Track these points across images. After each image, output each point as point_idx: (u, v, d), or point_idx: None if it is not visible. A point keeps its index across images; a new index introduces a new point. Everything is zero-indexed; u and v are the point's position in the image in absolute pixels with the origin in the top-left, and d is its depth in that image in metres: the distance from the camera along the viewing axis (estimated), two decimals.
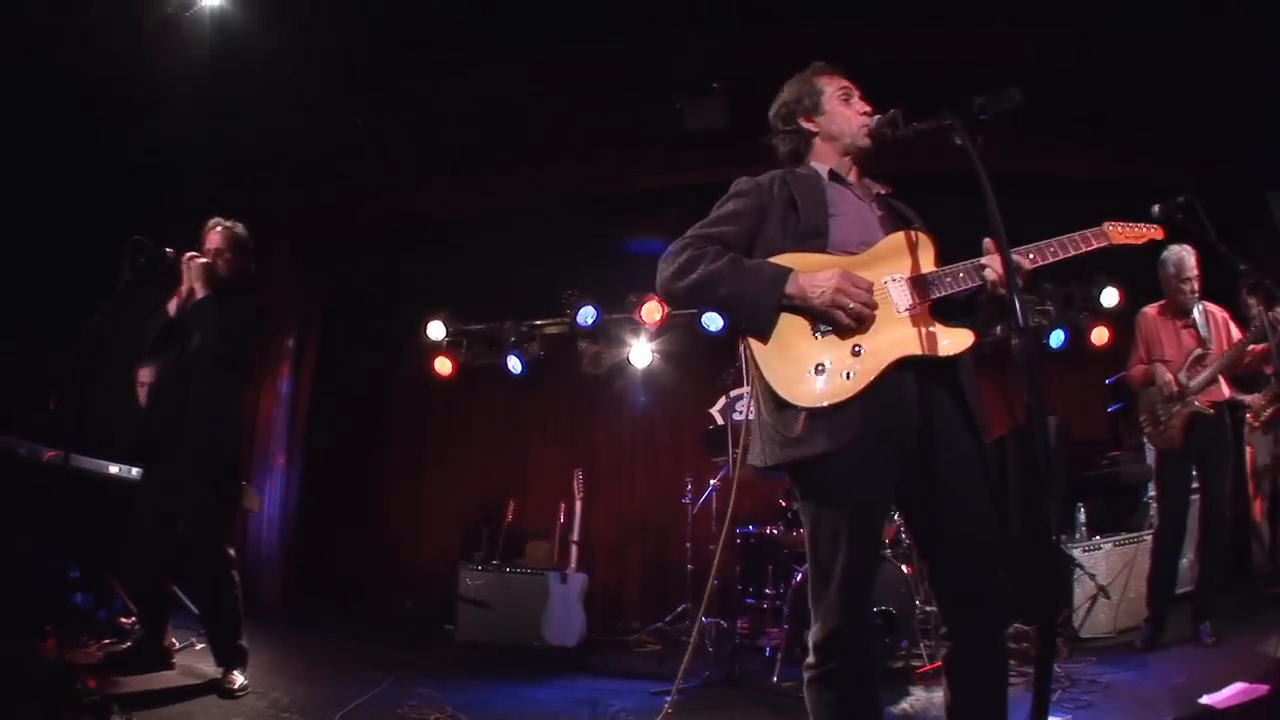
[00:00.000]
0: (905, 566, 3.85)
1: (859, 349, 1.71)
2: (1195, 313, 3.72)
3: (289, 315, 6.08)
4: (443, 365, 6.24)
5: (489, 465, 6.66)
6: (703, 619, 4.48)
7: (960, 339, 1.75)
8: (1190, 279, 3.68)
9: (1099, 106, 4.85)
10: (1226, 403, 3.68)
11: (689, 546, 5.09)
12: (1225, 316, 3.76)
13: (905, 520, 1.94)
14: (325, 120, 5.11)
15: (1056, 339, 5.68)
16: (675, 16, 4.61)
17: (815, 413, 1.69)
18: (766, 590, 4.46)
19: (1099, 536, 4.37)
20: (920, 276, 1.79)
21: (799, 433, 1.69)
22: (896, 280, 1.79)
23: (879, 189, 2.02)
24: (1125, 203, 2.05)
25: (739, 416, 4.43)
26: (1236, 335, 3.69)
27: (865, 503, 1.70)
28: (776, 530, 4.46)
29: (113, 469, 3.82)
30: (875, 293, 1.75)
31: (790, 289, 1.73)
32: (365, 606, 5.90)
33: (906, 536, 3.99)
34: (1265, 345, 3.51)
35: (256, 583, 5.37)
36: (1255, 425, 4.41)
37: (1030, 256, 1.78)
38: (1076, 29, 4.48)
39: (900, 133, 1.86)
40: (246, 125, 4.80)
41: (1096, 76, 4.76)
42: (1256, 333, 3.50)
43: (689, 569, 5.07)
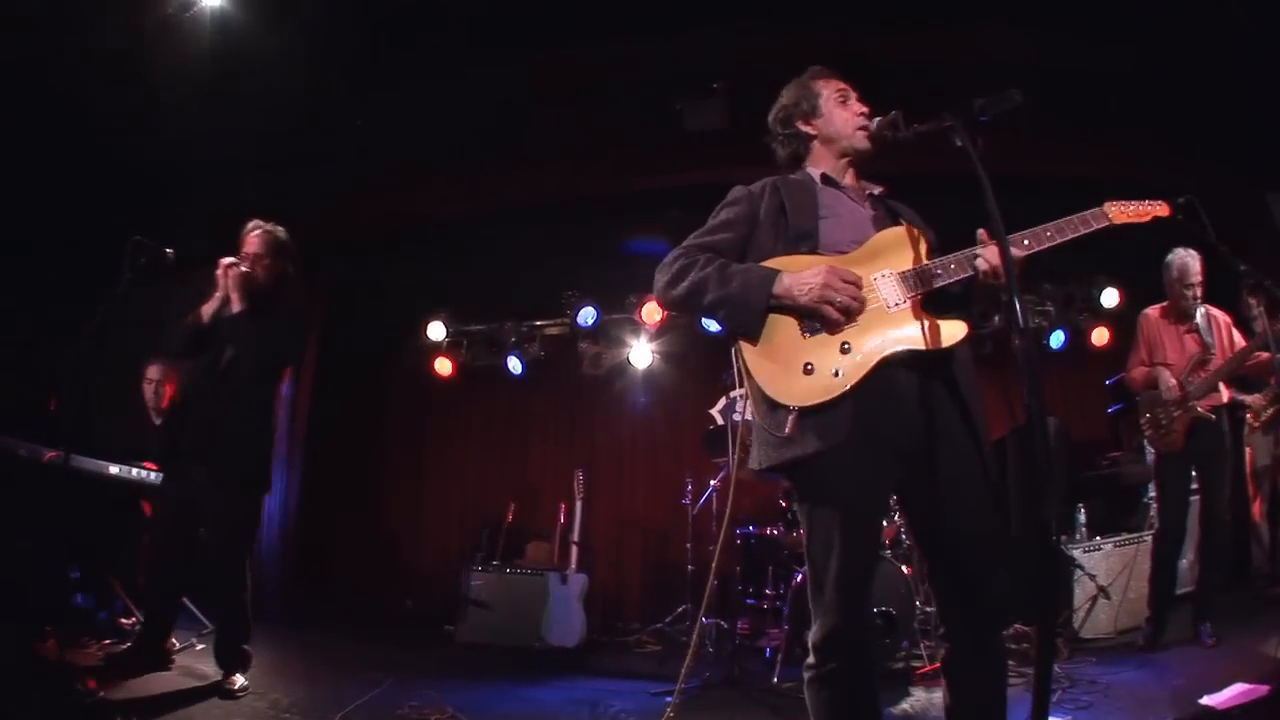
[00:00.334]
0: (905, 567, 3.85)
1: (848, 346, 1.71)
2: (1198, 317, 3.72)
3: None
4: (443, 366, 6.25)
5: (489, 466, 6.66)
6: (703, 620, 4.50)
7: (953, 331, 1.74)
8: (1193, 284, 3.67)
9: (1099, 107, 4.84)
10: (1226, 406, 3.67)
11: (689, 547, 5.09)
12: (1228, 321, 3.75)
13: (906, 518, 1.94)
14: (325, 120, 5.11)
15: (1057, 340, 5.67)
16: (675, 16, 4.60)
17: (805, 412, 1.69)
18: (767, 591, 4.47)
19: (1099, 537, 4.37)
20: (910, 271, 1.79)
21: (788, 432, 1.69)
22: (886, 276, 1.78)
23: (874, 190, 2.02)
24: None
25: (739, 417, 4.43)
26: (1239, 341, 3.68)
27: (860, 502, 1.70)
28: (777, 531, 4.46)
29: (113, 469, 3.82)
30: (865, 289, 1.75)
31: (777, 289, 1.74)
32: (365, 607, 5.90)
33: (907, 536, 4.00)
34: (1269, 355, 3.50)
35: (257, 583, 5.33)
36: (1255, 426, 4.40)
37: (1025, 242, 1.77)
38: (1076, 29, 4.48)
39: (901, 134, 1.86)
40: (246, 125, 4.80)
41: (1096, 77, 4.77)
42: (1260, 341, 3.48)
43: (689, 570, 5.07)
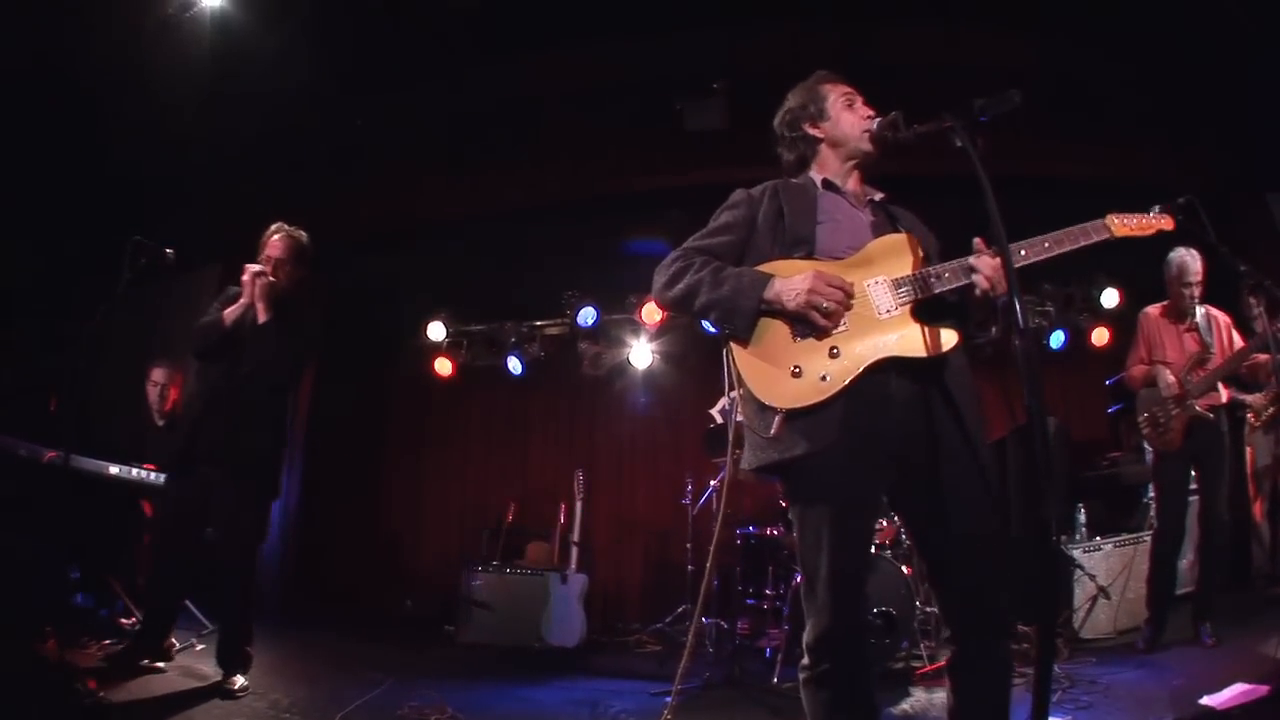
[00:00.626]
0: (905, 567, 3.85)
1: (836, 351, 1.72)
2: (1198, 316, 3.72)
3: None
4: (443, 366, 6.25)
5: (489, 466, 6.66)
6: (702, 620, 4.50)
7: (944, 340, 1.74)
8: (1192, 283, 3.67)
9: (1099, 107, 4.85)
10: (1225, 406, 3.67)
11: (689, 547, 5.09)
12: (1228, 321, 3.75)
13: (903, 522, 1.94)
14: (325, 120, 5.11)
15: (1057, 340, 5.69)
16: (675, 16, 4.60)
17: (791, 414, 1.70)
18: (766, 591, 4.47)
19: (1099, 537, 4.37)
20: (903, 278, 1.78)
21: (774, 434, 1.71)
22: (879, 283, 1.79)
23: (875, 195, 2.02)
24: (1125, 204, 2.05)
25: (738, 418, 4.43)
26: (1238, 341, 3.68)
27: (848, 503, 1.71)
28: (777, 531, 4.46)
29: (113, 469, 3.82)
30: (857, 296, 1.76)
31: (768, 294, 1.75)
32: (365, 607, 5.90)
33: (906, 537, 4.00)
34: (1268, 356, 3.50)
35: (257, 583, 5.36)
36: (1256, 425, 4.40)
37: (1023, 253, 1.75)
38: (1076, 30, 4.48)
39: (901, 135, 1.86)
40: (246, 126, 4.80)
41: (1096, 77, 4.77)
42: (1259, 342, 3.48)
43: (689, 569, 5.07)
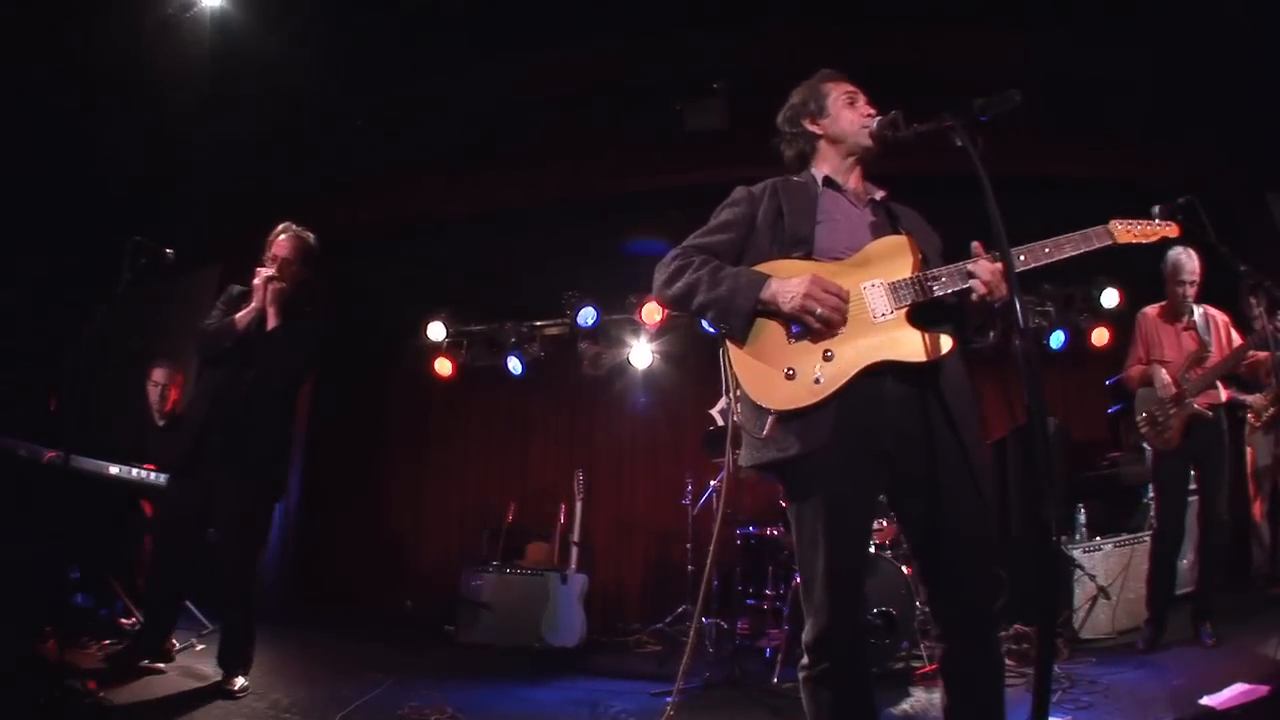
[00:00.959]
0: (905, 567, 3.85)
1: (830, 354, 1.73)
2: (1196, 315, 3.71)
3: None
4: (443, 366, 6.25)
5: (489, 466, 6.66)
6: (702, 620, 4.50)
7: (938, 345, 1.73)
8: (1186, 281, 3.67)
9: (1099, 107, 4.84)
10: (1224, 405, 3.67)
11: (689, 547, 5.09)
12: (1226, 320, 3.75)
13: (899, 523, 1.95)
14: (325, 120, 5.11)
15: (1057, 340, 5.68)
16: (675, 16, 4.60)
17: (784, 416, 1.71)
18: (767, 591, 4.47)
19: (1099, 537, 4.36)
20: (900, 281, 1.78)
21: (766, 435, 1.73)
22: (876, 286, 1.78)
23: (876, 194, 2.01)
24: (1125, 204, 2.05)
25: (735, 417, 4.43)
26: (1237, 340, 3.68)
27: (842, 503, 1.71)
28: (777, 531, 4.46)
29: (113, 469, 3.82)
30: (853, 299, 1.75)
31: (764, 295, 1.76)
32: (365, 607, 5.90)
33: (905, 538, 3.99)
34: (1266, 354, 3.50)
35: (259, 583, 5.36)
36: (1256, 425, 4.39)
37: (1022, 258, 1.74)
38: (1076, 30, 4.48)
39: (901, 134, 1.86)
40: (246, 126, 4.80)
41: (1096, 77, 4.76)
42: (1257, 340, 3.48)
43: (689, 570, 5.07)
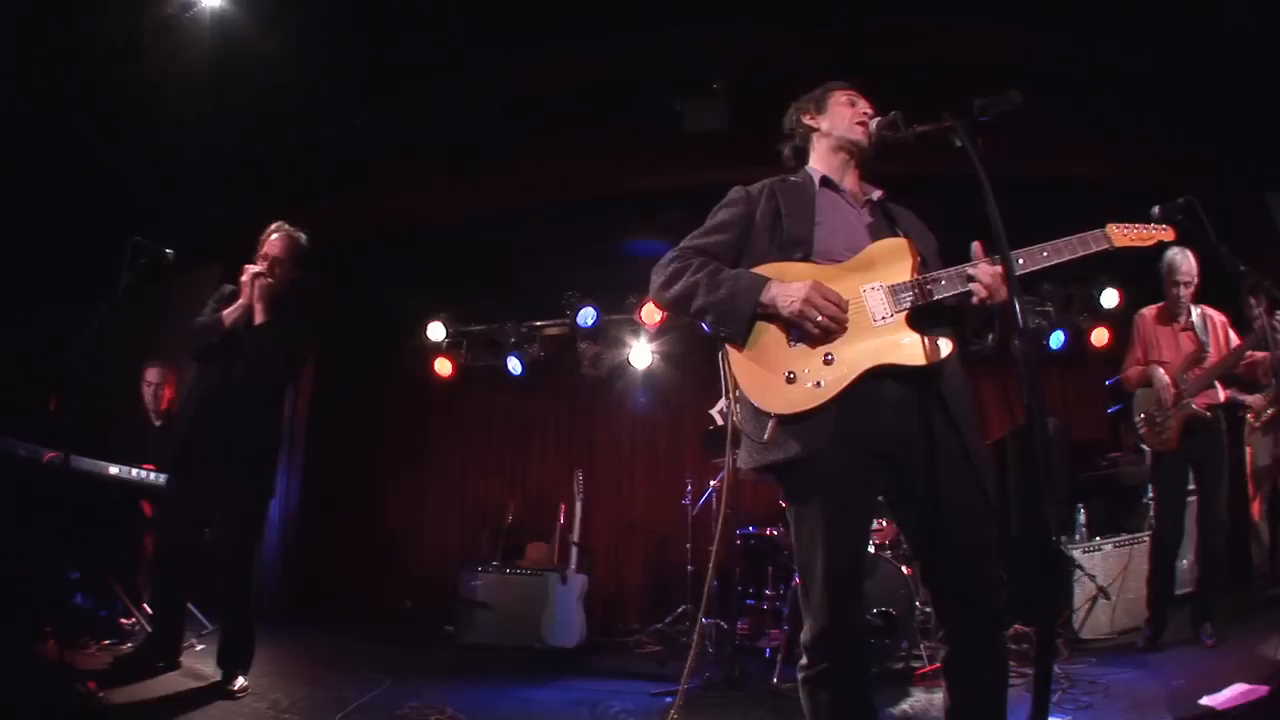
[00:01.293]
0: (905, 567, 3.85)
1: (831, 357, 1.73)
2: (1194, 316, 3.71)
3: None
4: (443, 366, 6.25)
5: (489, 466, 6.67)
6: (703, 620, 4.50)
7: (939, 348, 1.73)
8: (1181, 281, 3.66)
9: (1099, 108, 4.84)
10: (1223, 405, 3.67)
11: (689, 548, 5.09)
12: (1224, 321, 3.74)
13: (899, 525, 1.95)
14: (325, 120, 5.11)
15: (1056, 340, 5.68)
16: (675, 16, 4.60)
17: (785, 419, 1.71)
18: (767, 591, 4.47)
19: (1099, 538, 4.37)
20: (899, 284, 1.78)
21: (768, 438, 1.72)
22: (875, 289, 1.78)
23: (874, 194, 2.01)
24: (1125, 204, 2.05)
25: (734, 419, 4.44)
26: (1234, 341, 3.67)
27: (842, 506, 1.71)
28: (777, 531, 4.46)
29: (113, 469, 3.82)
30: (852, 302, 1.75)
31: (764, 298, 1.76)
32: (365, 607, 5.90)
33: (905, 540, 3.99)
34: (1264, 354, 3.49)
35: (257, 583, 5.35)
36: (1255, 426, 4.40)
37: (1020, 261, 1.72)
38: (1076, 30, 4.48)
39: (900, 135, 1.86)
40: (246, 126, 4.80)
41: (1096, 78, 4.76)
42: (1255, 339, 3.47)
43: (689, 570, 5.07)
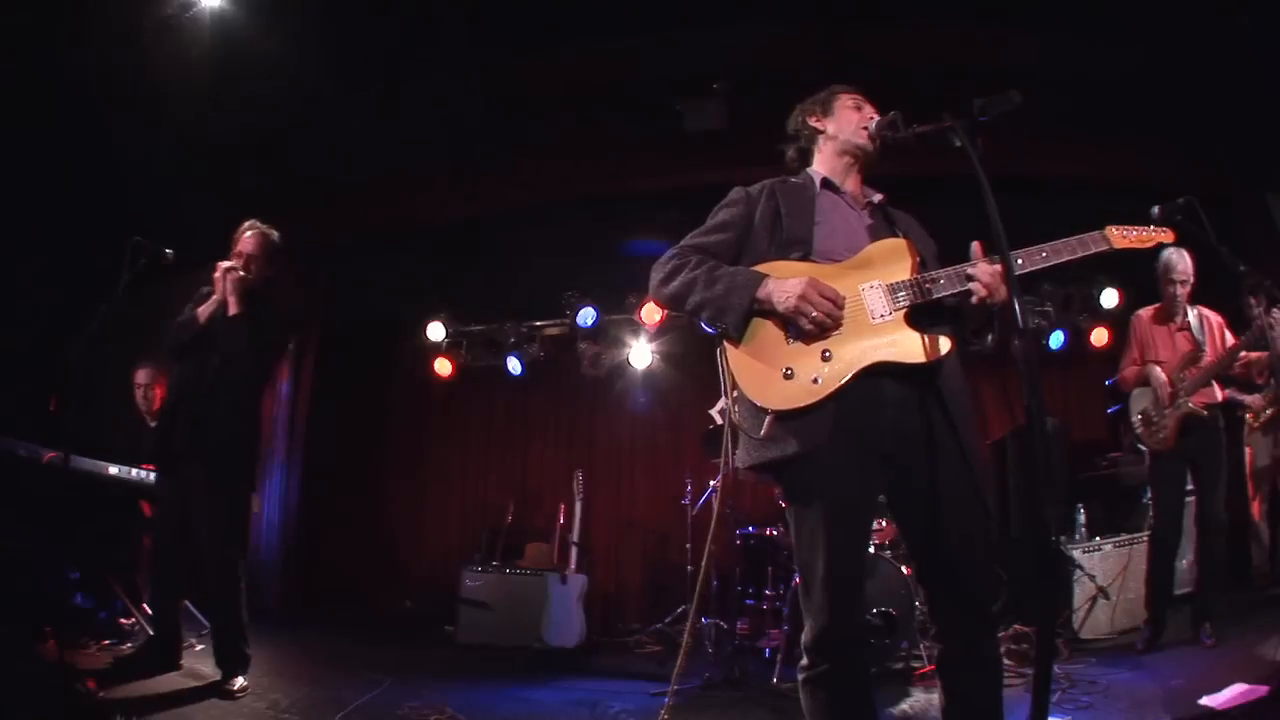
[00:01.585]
0: (905, 567, 3.85)
1: (829, 354, 1.73)
2: (1190, 316, 3.71)
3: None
4: (443, 366, 6.25)
5: (489, 466, 6.66)
6: (702, 620, 4.50)
7: (937, 347, 1.74)
8: (1176, 280, 3.65)
9: (1099, 108, 4.84)
10: (1220, 405, 3.67)
11: (689, 547, 5.09)
12: (1220, 321, 3.74)
13: (897, 524, 1.95)
14: (325, 120, 5.11)
15: (1056, 340, 5.68)
16: (675, 16, 4.60)
17: (782, 416, 1.71)
18: (766, 591, 4.48)
19: (1099, 537, 4.37)
20: (898, 283, 1.79)
21: (764, 434, 1.73)
22: (874, 287, 1.79)
23: (874, 198, 2.02)
24: (1125, 204, 2.05)
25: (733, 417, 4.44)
26: (1231, 341, 3.67)
27: (842, 504, 1.71)
28: (777, 531, 4.46)
29: (113, 469, 3.82)
30: (850, 300, 1.76)
31: (760, 294, 1.76)
32: (365, 607, 5.90)
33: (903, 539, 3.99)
34: (1259, 354, 3.49)
35: (256, 583, 5.34)
36: (1255, 426, 4.40)
37: (1019, 262, 1.73)
38: (1076, 30, 4.48)
39: (900, 135, 1.86)
40: (246, 126, 4.80)
41: (1097, 77, 4.76)
42: (1251, 339, 3.47)
43: (689, 570, 5.07)
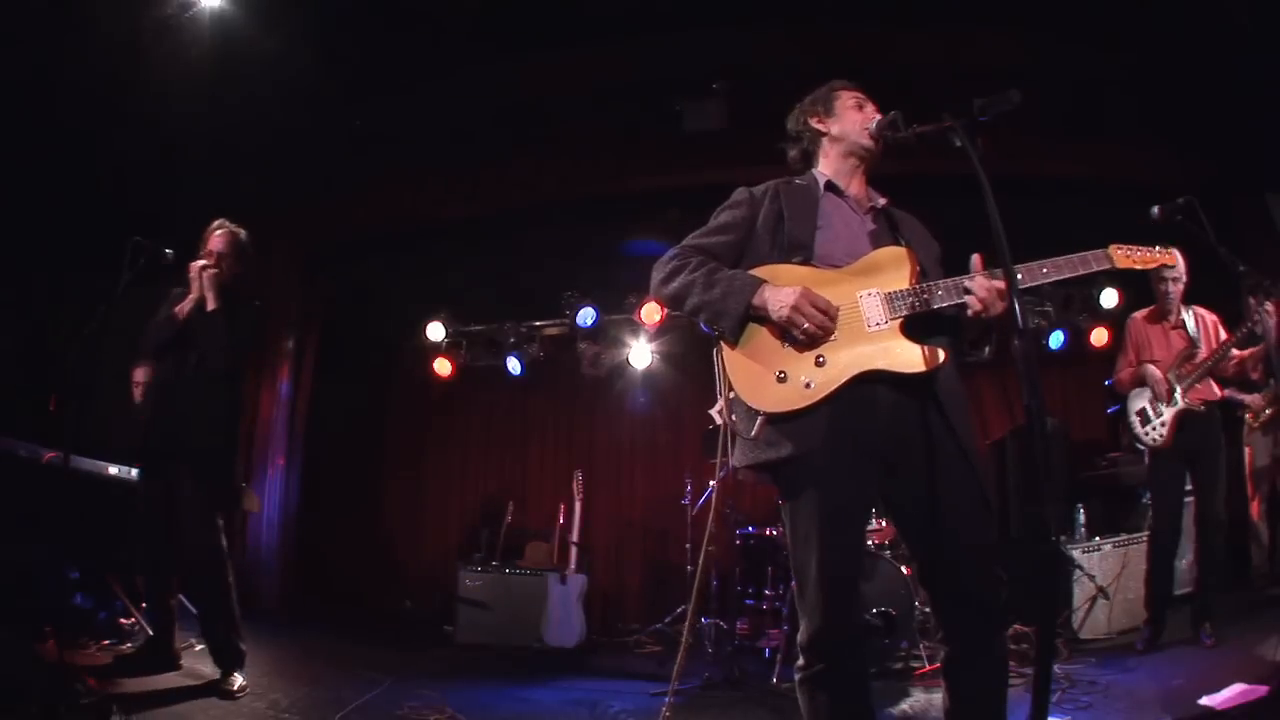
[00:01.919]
0: (905, 567, 3.85)
1: (823, 360, 1.74)
2: (1185, 316, 3.71)
3: (288, 316, 6.08)
4: (443, 366, 6.24)
5: (489, 466, 6.67)
6: (701, 620, 4.50)
7: (931, 357, 1.74)
8: (1167, 279, 3.64)
9: (1098, 107, 4.84)
10: (1218, 402, 3.67)
11: (688, 547, 5.09)
12: (1215, 321, 3.75)
13: (896, 528, 1.95)
14: (325, 120, 5.12)
15: (1056, 340, 5.68)
16: (675, 16, 4.61)
17: (774, 418, 1.73)
18: (766, 591, 4.47)
19: (1098, 537, 4.37)
20: (896, 292, 1.79)
21: (754, 436, 1.74)
22: (872, 295, 1.79)
23: (879, 201, 2.02)
24: (1124, 204, 2.05)
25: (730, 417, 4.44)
26: (1225, 339, 3.68)
27: (836, 506, 1.71)
28: (776, 531, 4.46)
29: (112, 469, 3.82)
30: (847, 307, 1.77)
31: (756, 300, 1.77)
32: (365, 607, 5.90)
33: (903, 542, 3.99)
34: (1251, 350, 3.50)
35: (256, 583, 5.37)
36: (1254, 426, 4.40)
37: (1020, 277, 1.70)
38: (1076, 30, 4.48)
39: (900, 135, 1.86)
40: (246, 126, 4.80)
41: (1095, 77, 4.76)
42: (1243, 336, 3.47)
43: (689, 570, 5.06)
